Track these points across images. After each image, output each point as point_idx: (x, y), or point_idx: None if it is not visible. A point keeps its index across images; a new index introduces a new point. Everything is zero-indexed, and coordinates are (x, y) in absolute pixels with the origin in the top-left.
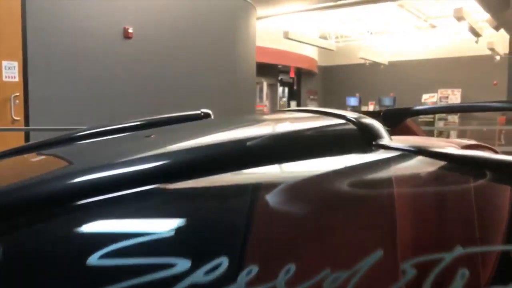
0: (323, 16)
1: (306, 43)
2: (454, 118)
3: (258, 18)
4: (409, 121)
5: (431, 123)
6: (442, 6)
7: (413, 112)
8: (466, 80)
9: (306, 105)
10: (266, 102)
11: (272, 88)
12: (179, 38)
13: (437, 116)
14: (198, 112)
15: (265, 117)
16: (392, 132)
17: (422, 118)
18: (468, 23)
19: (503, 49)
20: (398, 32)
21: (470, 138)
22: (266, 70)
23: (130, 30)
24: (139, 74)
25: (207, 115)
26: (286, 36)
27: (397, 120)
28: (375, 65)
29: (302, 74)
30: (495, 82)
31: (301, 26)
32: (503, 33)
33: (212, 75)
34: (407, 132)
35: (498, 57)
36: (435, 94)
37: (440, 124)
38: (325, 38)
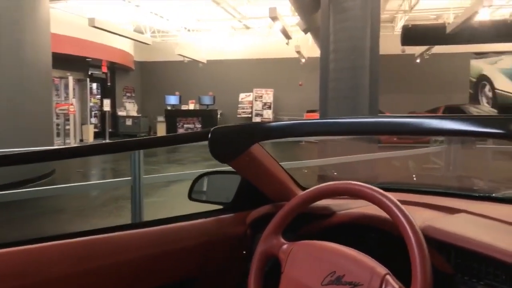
0: (137, 8)
1: (116, 33)
2: (268, 113)
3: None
4: (256, 146)
5: (249, 119)
6: (256, 7)
7: (259, 135)
8: (277, 80)
9: (122, 103)
10: (72, 100)
11: (81, 84)
12: None
13: (253, 112)
14: None
15: None
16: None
17: (242, 115)
18: (281, 24)
19: (307, 52)
20: (215, 30)
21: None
22: (73, 63)
23: None
24: None
25: None
26: (92, 24)
27: (234, 148)
28: (193, 63)
29: (116, 69)
30: (300, 83)
31: (115, 17)
32: (308, 37)
33: None
34: (253, 161)
35: (303, 60)
36: (251, 94)
37: (257, 120)
38: (141, 32)
